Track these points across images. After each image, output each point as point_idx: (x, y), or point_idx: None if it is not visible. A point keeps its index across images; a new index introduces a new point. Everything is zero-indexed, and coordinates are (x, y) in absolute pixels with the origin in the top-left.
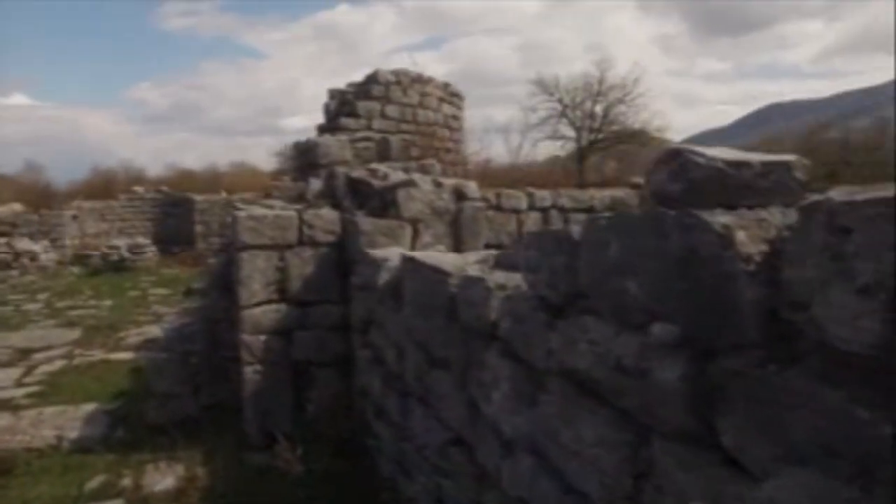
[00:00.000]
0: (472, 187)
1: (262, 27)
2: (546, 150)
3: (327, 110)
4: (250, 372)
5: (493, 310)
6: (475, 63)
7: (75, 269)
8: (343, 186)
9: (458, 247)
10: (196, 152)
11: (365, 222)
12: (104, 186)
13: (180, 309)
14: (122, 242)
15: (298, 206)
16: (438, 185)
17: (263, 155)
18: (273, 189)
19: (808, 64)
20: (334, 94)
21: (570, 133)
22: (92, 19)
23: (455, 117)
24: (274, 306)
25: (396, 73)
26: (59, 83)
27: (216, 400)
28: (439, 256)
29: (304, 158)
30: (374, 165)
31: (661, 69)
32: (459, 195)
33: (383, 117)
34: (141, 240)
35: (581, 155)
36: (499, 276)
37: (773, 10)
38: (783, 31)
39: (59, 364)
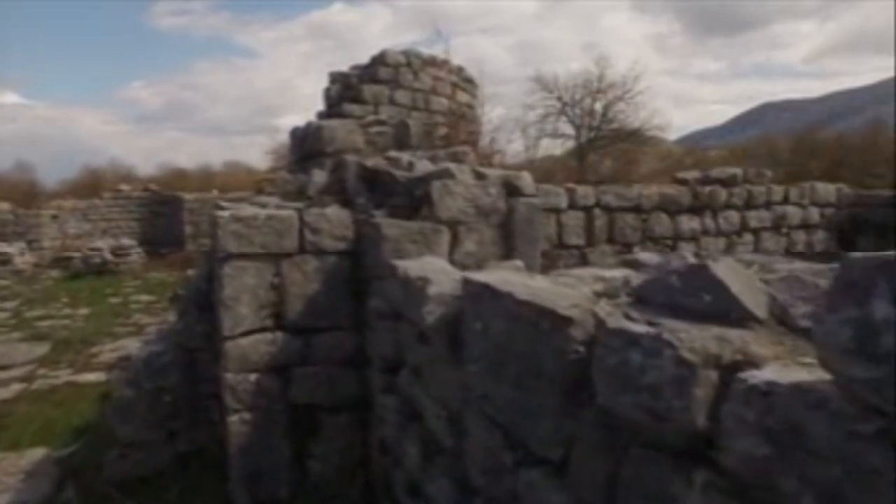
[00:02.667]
0: (526, 179)
1: (255, 26)
2: (545, 147)
3: (328, 96)
4: (236, 421)
5: (698, 405)
6: (471, 63)
7: (54, 273)
8: (355, 179)
9: (509, 257)
10: (189, 152)
11: (389, 226)
12: (94, 185)
13: (159, 325)
14: (104, 244)
15: (298, 205)
16: (481, 176)
17: (258, 154)
18: (266, 184)
19: (801, 63)
20: (336, 77)
21: (570, 131)
22: (84, 18)
23: (470, 106)
24: (267, 335)
25: (406, 53)
26: (52, 82)
27: (195, 447)
28: (524, 280)
29: (303, 147)
30: (392, 154)
31: (656, 68)
32: (510, 190)
33: (392, 103)
34: (126, 241)
35: (581, 153)
36: (689, 334)
37: (766, 11)
38: (776, 31)
39: (14, 389)
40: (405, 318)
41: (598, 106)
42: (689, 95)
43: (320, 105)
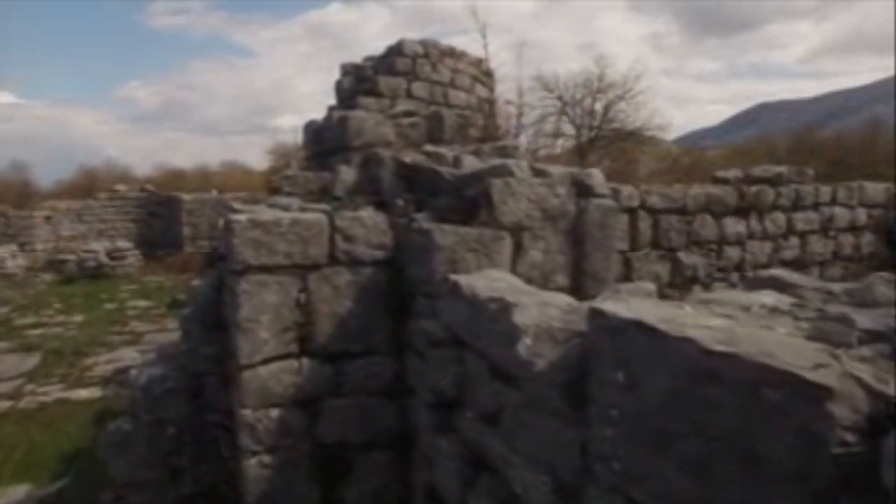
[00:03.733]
0: (597, 177)
1: (253, 25)
2: (544, 147)
3: (339, 89)
4: (254, 465)
5: None
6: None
7: (47, 277)
8: (391, 177)
9: (579, 268)
10: (187, 152)
11: (443, 232)
12: (90, 186)
13: (156, 332)
14: (100, 246)
15: (325, 207)
16: (541, 173)
17: (256, 154)
18: (282, 181)
19: (797, 64)
20: (348, 69)
21: (570, 130)
22: (81, 18)
23: (489, 101)
24: (292, 363)
25: (424, 43)
26: (48, 82)
27: (203, 487)
28: (676, 314)
29: (321, 141)
30: (430, 148)
31: (654, 68)
32: (579, 190)
33: (409, 97)
34: (122, 243)
35: (582, 152)
36: None
37: (762, 11)
38: (772, 31)
39: (0, 407)
40: (473, 348)
41: (599, 105)
42: (686, 95)
43: (319, 104)
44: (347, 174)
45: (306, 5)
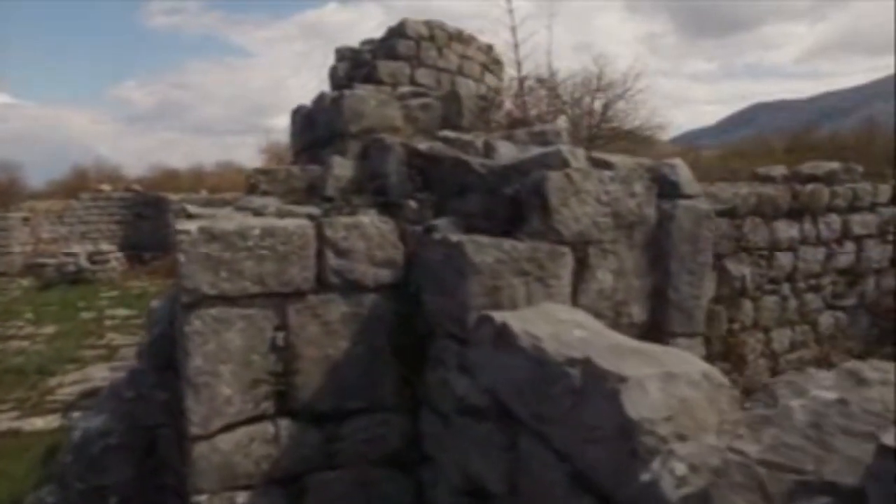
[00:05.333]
0: (682, 171)
1: (248, 25)
2: None
3: (334, 76)
4: None
5: None
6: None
7: (24, 282)
8: (400, 170)
9: (662, 296)
10: (182, 152)
11: (478, 247)
12: (81, 186)
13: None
14: (81, 249)
15: (311, 210)
16: (604, 165)
17: (251, 154)
18: (260, 179)
19: (792, 64)
20: (344, 53)
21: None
22: (76, 17)
23: (497, 91)
24: (265, 428)
25: (429, 24)
26: (42, 82)
27: None
28: None
29: (313, 130)
30: (449, 134)
31: (652, 68)
32: (662, 188)
33: (413, 84)
34: (105, 246)
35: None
36: None
37: (758, 12)
38: (768, 32)
39: None
40: (538, 433)
41: (598, 104)
42: (682, 95)
43: None
44: (342, 167)
45: (302, 5)
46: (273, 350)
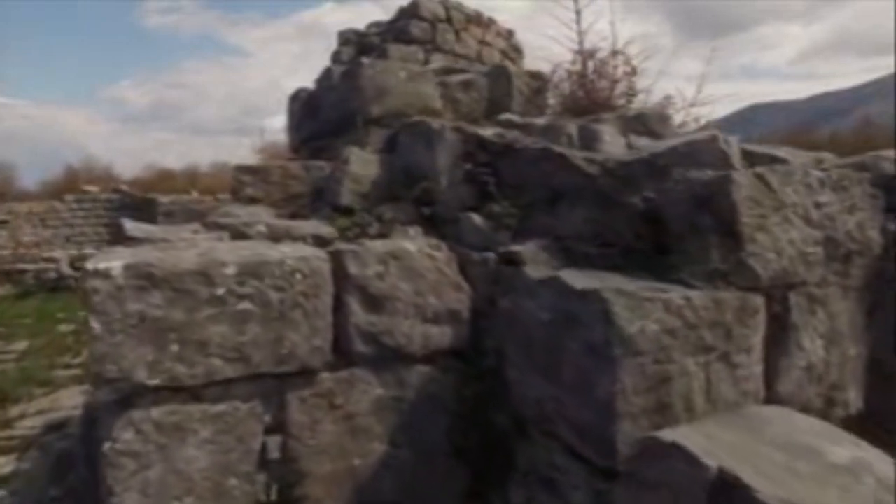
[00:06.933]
0: None
1: (244, 25)
2: None
3: (337, 61)
4: None
5: None
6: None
7: (0, 290)
8: (453, 168)
9: (881, 371)
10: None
11: (633, 302)
12: (72, 187)
13: None
14: (62, 254)
15: (321, 227)
16: (777, 161)
17: (246, 154)
18: (244, 180)
19: (787, 65)
20: (348, 36)
21: None
22: (70, 17)
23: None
24: None
25: (445, 4)
26: (36, 81)
27: None
28: None
29: (318, 115)
30: (513, 118)
31: (650, 68)
32: (891, 199)
33: None
34: (90, 250)
35: None
36: None
37: (753, 13)
38: (763, 33)
39: None
40: None
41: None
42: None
43: None
44: (362, 163)
45: (299, 5)
46: (263, 467)
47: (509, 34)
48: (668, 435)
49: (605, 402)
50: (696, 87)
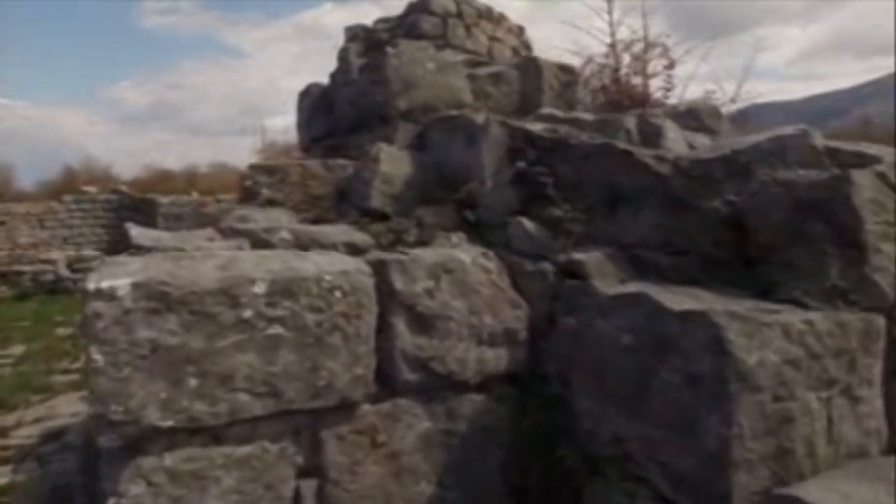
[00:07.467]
0: None
1: (244, 25)
2: None
3: (345, 58)
4: None
5: None
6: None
7: None
8: (500, 167)
9: None
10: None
11: (749, 327)
12: (70, 187)
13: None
14: (60, 256)
15: (351, 232)
16: (857, 158)
17: (246, 155)
18: (260, 181)
19: (786, 66)
20: (356, 32)
21: None
22: (69, 17)
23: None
24: None
25: None
26: (35, 82)
27: None
28: None
29: (334, 112)
30: (553, 111)
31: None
32: None
33: None
34: (88, 252)
35: None
36: None
37: (751, 14)
38: (762, 34)
39: None
40: None
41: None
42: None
43: None
44: (393, 162)
45: (298, 5)
46: None
47: (520, 30)
48: (800, 492)
49: (715, 447)
50: (735, 83)
